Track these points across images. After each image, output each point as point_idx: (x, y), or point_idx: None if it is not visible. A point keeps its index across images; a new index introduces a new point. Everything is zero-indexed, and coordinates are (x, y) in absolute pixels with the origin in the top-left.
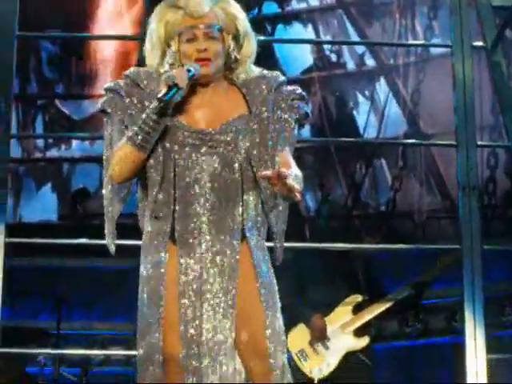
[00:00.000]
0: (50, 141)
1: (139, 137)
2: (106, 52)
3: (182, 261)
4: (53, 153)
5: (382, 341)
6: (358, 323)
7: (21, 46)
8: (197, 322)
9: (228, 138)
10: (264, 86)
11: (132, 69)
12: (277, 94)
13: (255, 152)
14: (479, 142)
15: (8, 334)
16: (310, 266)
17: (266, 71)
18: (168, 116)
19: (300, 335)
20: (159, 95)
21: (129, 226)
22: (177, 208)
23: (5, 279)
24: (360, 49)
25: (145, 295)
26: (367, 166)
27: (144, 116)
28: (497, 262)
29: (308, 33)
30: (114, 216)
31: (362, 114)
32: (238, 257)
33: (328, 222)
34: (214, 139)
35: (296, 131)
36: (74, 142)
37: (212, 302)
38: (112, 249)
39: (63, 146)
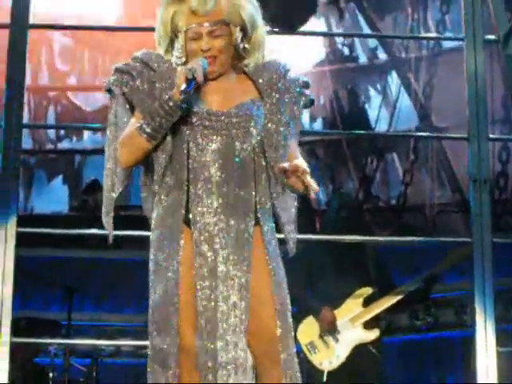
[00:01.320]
0: (62, 132)
1: (150, 127)
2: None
3: (198, 243)
4: (64, 144)
5: (392, 334)
6: (368, 316)
7: (34, 37)
8: (212, 304)
9: (241, 121)
10: (273, 73)
11: (143, 50)
12: (285, 81)
13: (267, 137)
14: (491, 135)
15: (19, 324)
16: (321, 258)
17: (272, 58)
18: (182, 110)
19: (310, 327)
20: (181, 88)
21: (138, 218)
22: (191, 189)
23: (16, 269)
24: (372, 42)
25: (159, 283)
26: (378, 159)
27: (157, 107)
28: (507, 256)
29: (321, 25)
30: (113, 190)
31: (374, 108)
32: (251, 239)
33: (339, 215)
34: (226, 121)
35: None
36: (86, 134)
37: (226, 283)
38: (109, 229)
39: (75, 138)
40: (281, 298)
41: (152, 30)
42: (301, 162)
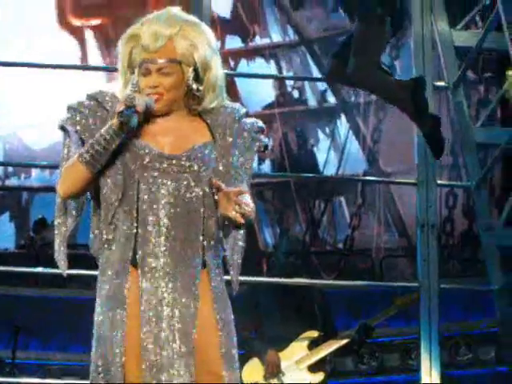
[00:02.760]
0: (10, 169)
1: (89, 154)
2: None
3: (144, 286)
4: (12, 181)
5: (337, 377)
6: (313, 359)
7: None
8: (157, 350)
9: (192, 164)
10: (227, 116)
11: (97, 90)
12: (239, 125)
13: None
14: (439, 181)
15: None
16: (267, 300)
17: (228, 102)
18: (121, 138)
19: (255, 369)
20: (117, 110)
21: (85, 257)
22: (139, 231)
23: None
24: (322, 86)
25: (105, 320)
26: (326, 202)
27: (98, 135)
28: (453, 302)
29: (270, 69)
30: (64, 230)
31: (323, 151)
32: (198, 284)
33: (287, 259)
34: (178, 164)
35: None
36: (34, 172)
37: (172, 328)
38: (63, 268)
39: (23, 175)
40: (227, 344)
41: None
42: (243, 198)
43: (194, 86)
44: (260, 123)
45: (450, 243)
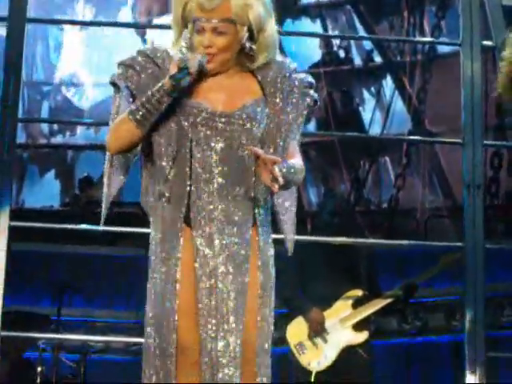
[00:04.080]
0: (55, 127)
1: (140, 113)
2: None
3: (197, 243)
4: (57, 139)
5: (381, 337)
6: (358, 318)
7: (30, 32)
8: (213, 304)
9: (243, 122)
10: (278, 72)
11: (149, 45)
12: (290, 81)
13: (268, 137)
14: (485, 142)
15: (9, 318)
16: (312, 259)
17: (279, 58)
18: (172, 99)
19: (299, 328)
20: (170, 74)
21: (131, 215)
22: (192, 188)
23: (7, 263)
24: (368, 45)
25: (158, 280)
26: (371, 162)
27: (149, 94)
28: (498, 262)
29: (316, 27)
30: (112, 185)
31: (368, 111)
32: (249, 243)
33: (332, 218)
34: (230, 122)
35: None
36: (79, 129)
37: (226, 285)
38: (103, 216)
39: (68, 133)
40: (264, 311)
41: (154, 27)
42: (291, 161)
43: (248, 46)
44: (310, 78)
45: (495, 204)
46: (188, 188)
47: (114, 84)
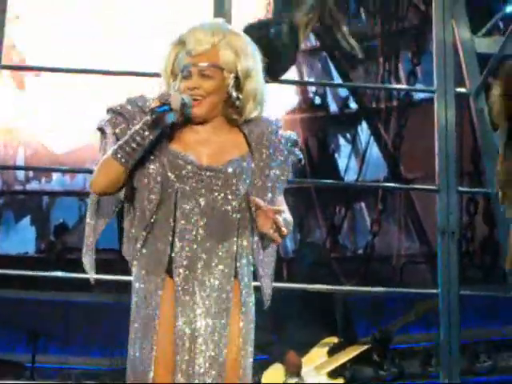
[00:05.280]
0: (31, 174)
1: (123, 150)
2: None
3: (178, 295)
4: (33, 185)
5: None
6: (333, 365)
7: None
8: (190, 359)
9: (230, 178)
10: (264, 129)
11: (139, 94)
12: (276, 138)
13: (254, 194)
14: (460, 188)
15: None
16: (288, 306)
17: (266, 114)
18: (155, 135)
19: (275, 374)
20: (151, 107)
21: (107, 261)
22: (175, 240)
23: None
24: (343, 92)
25: (138, 328)
26: (347, 208)
27: (132, 131)
28: (473, 308)
29: (292, 74)
30: (94, 230)
31: (343, 157)
32: (230, 295)
33: (308, 264)
34: (216, 176)
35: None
36: (55, 176)
37: (205, 337)
38: (90, 272)
39: (43, 179)
40: (245, 363)
41: (137, 74)
42: (281, 216)
43: (234, 94)
44: (295, 136)
45: (471, 250)
46: (170, 239)
47: (101, 130)
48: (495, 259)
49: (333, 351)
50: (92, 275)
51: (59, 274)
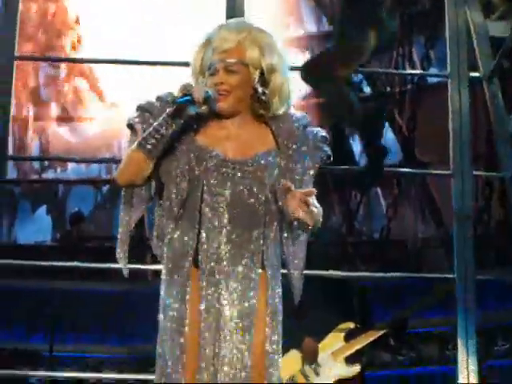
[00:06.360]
0: (46, 163)
1: (147, 142)
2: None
3: (204, 286)
4: (48, 175)
5: (374, 368)
6: (350, 351)
7: (19, 68)
8: (216, 349)
9: (256, 171)
10: (292, 124)
11: (167, 92)
12: (304, 133)
13: (280, 188)
14: (475, 172)
15: (1, 356)
16: (304, 291)
17: (293, 110)
18: (178, 125)
19: (292, 361)
20: (173, 97)
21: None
22: (201, 232)
23: None
24: (356, 77)
25: (167, 324)
26: (362, 193)
27: (155, 123)
28: (491, 292)
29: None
30: (128, 225)
31: (358, 142)
32: (256, 287)
33: (326, 250)
34: (242, 170)
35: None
36: (70, 165)
37: (230, 327)
38: (123, 264)
39: (59, 169)
40: (273, 345)
41: (155, 63)
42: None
43: (260, 90)
44: (323, 133)
45: (487, 233)
46: (197, 231)
47: (131, 126)
48: (511, 242)
49: (349, 337)
50: (126, 268)
51: (78, 263)
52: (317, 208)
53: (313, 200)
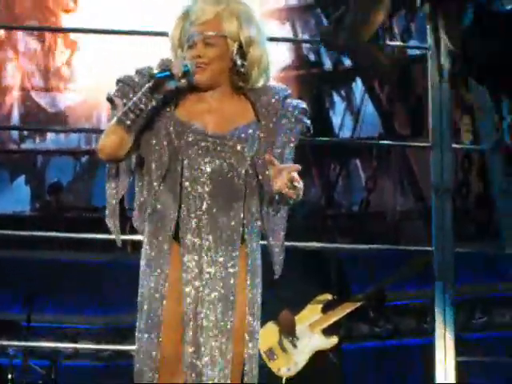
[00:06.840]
0: (25, 133)
1: (127, 117)
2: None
3: (185, 260)
4: (27, 145)
5: (351, 341)
6: (327, 322)
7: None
8: (198, 323)
9: (235, 144)
10: (272, 96)
11: (146, 66)
12: (284, 105)
13: (260, 161)
14: (454, 145)
15: None
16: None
17: (273, 82)
18: (157, 100)
19: (269, 334)
20: (152, 72)
21: (101, 220)
22: (182, 206)
23: None
24: None
25: (147, 295)
26: (341, 165)
27: (135, 98)
28: (468, 266)
29: (285, 31)
30: (114, 195)
31: (338, 114)
32: (237, 259)
33: (304, 223)
34: (222, 143)
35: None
36: (49, 135)
37: (211, 299)
38: (116, 235)
39: (38, 139)
40: (253, 320)
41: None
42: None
43: (239, 62)
44: (303, 104)
45: (465, 206)
46: (177, 205)
47: (110, 100)
48: (490, 215)
49: (327, 308)
50: (118, 238)
51: (57, 234)
52: (300, 183)
53: (297, 175)
